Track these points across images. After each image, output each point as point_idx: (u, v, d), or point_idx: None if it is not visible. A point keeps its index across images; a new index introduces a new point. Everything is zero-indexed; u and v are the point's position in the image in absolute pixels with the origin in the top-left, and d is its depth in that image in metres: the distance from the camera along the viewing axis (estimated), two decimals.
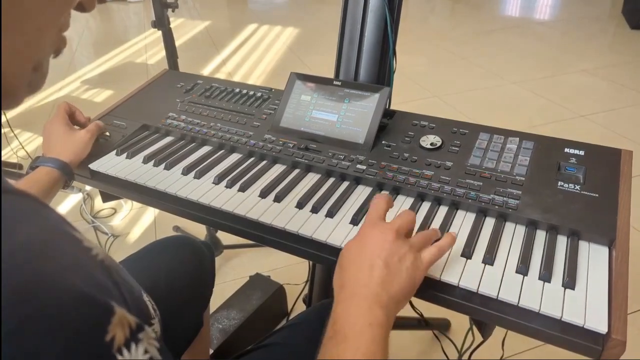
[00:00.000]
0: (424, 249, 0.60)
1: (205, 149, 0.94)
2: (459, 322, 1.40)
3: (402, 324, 1.34)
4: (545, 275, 0.61)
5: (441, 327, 1.39)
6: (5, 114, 2.08)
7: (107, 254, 0.36)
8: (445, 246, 0.61)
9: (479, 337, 0.96)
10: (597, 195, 0.71)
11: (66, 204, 2.08)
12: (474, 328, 0.96)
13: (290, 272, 1.62)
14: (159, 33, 1.51)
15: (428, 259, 0.59)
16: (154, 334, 0.35)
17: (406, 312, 1.19)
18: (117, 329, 0.30)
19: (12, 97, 0.41)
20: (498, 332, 0.89)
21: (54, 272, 0.29)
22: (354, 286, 0.55)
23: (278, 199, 0.79)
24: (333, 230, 0.72)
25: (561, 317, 0.56)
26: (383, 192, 0.80)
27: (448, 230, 0.70)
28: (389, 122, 0.91)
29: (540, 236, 0.68)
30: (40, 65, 0.43)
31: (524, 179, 0.75)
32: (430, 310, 1.22)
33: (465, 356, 1.09)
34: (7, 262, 0.27)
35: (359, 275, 0.55)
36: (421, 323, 1.28)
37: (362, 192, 0.80)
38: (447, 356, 1.27)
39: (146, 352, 0.32)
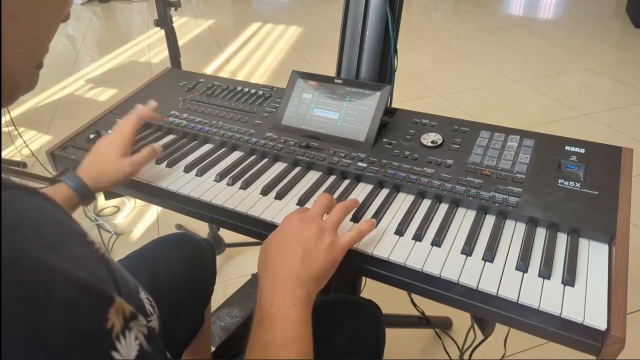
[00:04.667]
0: (339, 224, 0.64)
1: (207, 147, 0.94)
2: (461, 320, 1.40)
3: (403, 322, 1.34)
4: (545, 273, 0.61)
5: (443, 326, 1.39)
6: (9, 112, 2.09)
7: (105, 250, 0.37)
8: (366, 230, 0.66)
9: (480, 336, 0.96)
10: (597, 192, 0.71)
11: None
12: (475, 326, 0.96)
13: None
14: (163, 32, 1.51)
15: (347, 242, 0.63)
16: (144, 322, 0.36)
17: (408, 310, 1.20)
18: (115, 318, 0.32)
19: (12, 95, 0.42)
20: (500, 330, 0.89)
21: (60, 262, 0.30)
22: (276, 271, 0.58)
23: (279, 196, 0.79)
24: None
25: (560, 313, 0.56)
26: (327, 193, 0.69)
27: (448, 229, 0.70)
28: (390, 120, 0.91)
29: (540, 234, 0.68)
30: (41, 64, 0.45)
31: (524, 176, 0.75)
32: (432, 308, 1.22)
33: (467, 355, 1.09)
34: (18, 253, 0.28)
35: (280, 260, 0.59)
36: (422, 321, 1.28)
37: (363, 190, 0.80)
38: (448, 355, 1.27)
39: (136, 338, 0.34)
